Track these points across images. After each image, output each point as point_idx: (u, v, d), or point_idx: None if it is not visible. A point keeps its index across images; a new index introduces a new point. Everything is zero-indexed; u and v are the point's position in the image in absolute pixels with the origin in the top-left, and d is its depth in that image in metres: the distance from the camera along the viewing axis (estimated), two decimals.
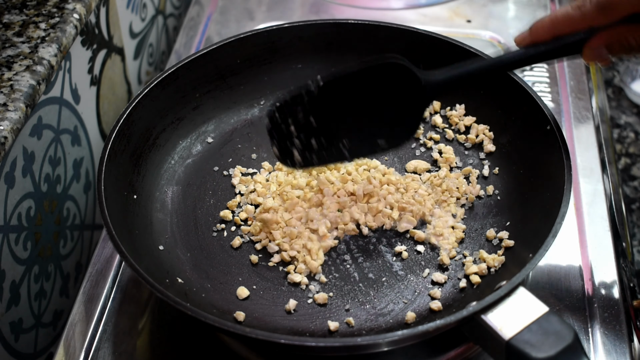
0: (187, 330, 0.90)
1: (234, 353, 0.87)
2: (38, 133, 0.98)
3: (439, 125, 1.06)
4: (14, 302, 0.95)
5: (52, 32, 0.98)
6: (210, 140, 1.05)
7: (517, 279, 0.76)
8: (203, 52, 1.04)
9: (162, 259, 0.90)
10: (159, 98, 1.00)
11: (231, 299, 0.87)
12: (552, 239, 0.79)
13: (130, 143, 0.96)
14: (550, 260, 0.95)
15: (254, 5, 1.39)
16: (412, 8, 1.37)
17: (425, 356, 0.86)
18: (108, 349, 0.88)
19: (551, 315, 0.73)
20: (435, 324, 0.73)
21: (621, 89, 1.63)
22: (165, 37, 1.49)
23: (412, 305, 0.86)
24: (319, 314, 0.85)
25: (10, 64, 0.93)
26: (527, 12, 1.36)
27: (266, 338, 0.74)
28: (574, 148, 1.09)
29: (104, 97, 1.21)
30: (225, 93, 1.08)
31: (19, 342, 0.96)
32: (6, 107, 0.87)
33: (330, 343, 0.77)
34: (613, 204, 1.03)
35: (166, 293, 0.76)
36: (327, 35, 1.09)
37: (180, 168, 1.01)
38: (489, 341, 0.74)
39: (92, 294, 0.94)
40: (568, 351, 0.70)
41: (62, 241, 1.06)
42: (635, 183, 1.48)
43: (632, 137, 1.55)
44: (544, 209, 0.86)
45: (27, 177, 0.96)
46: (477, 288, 0.86)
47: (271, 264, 0.90)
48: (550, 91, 1.19)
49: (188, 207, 0.97)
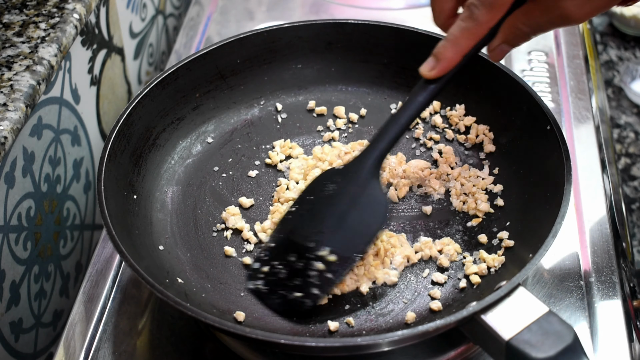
0: (187, 330, 0.90)
1: (234, 353, 0.87)
2: (38, 133, 0.98)
3: (439, 125, 1.06)
4: (14, 302, 0.95)
5: (52, 32, 0.98)
6: (210, 140, 1.05)
7: (517, 279, 0.76)
8: (203, 52, 1.04)
9: (162, 259, 0.90)
10: (159, 98, 1.01)
11: (231, 299, 0.87)
12: (552, 239, 0.79)
13: (130, 143, 0.96)
14: (551, 260, 0.95)
15: (254, 5, 1.39)
16: (412, 8, 1.37)
17: (425, 356, 0.85)
18: (108, 349, 0.88)
19: (551, 316, 0.73)
20: (435, 324, 0.73)
21: (621, 89, 1.63)
22: (165, 37, 1.49)
23: (412, 305, 0.86)
24: (319, 314, 0.85)
25: (10, 64, 0.93)
26: None
27: (266, 338, 0.74)
28: (574, 148, 1.09)
29: (104, 97, 1.21)
30: (225, 93, 1.08)
31: (19, 342, 0.96)
32: (6, 107, 0.88)
33: (330, 343, 0.77)
34: (613, 204, 1.03)
35: (166, 293, 0.76)
36: (327, 35, 1.09)
37: (180, 168, 1.01)
38: (488, 341, 0.74)
39: (92, 294, 0.94)
40: (568, 351, 0.70)
41: (62, 241, 1.07)
42: (635, 183, 1.48)
43: (632, 137, 1.55)
44: (544, 209, 0.86)
45: (27, 177, 0.96)
46: (477, 288, 0.86)
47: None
48: (550, 91, 1.19)
49: (188, 207, 0.97)
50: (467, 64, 0.84)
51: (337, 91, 1.12)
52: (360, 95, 1.10)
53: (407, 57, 1.08)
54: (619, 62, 1.68)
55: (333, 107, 1.09)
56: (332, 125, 1.07)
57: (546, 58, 1.25)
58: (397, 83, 1.10)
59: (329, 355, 0.85)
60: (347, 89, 1.12)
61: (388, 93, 1.10)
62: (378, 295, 0.87)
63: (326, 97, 1.11)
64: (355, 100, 1.10)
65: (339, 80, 1.12)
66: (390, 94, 1.10)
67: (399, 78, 1.10)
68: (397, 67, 1.09)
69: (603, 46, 1.71)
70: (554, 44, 1.28)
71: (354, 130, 1.07)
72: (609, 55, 1.70)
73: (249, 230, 0.94)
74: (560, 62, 1.24)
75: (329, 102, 1.10)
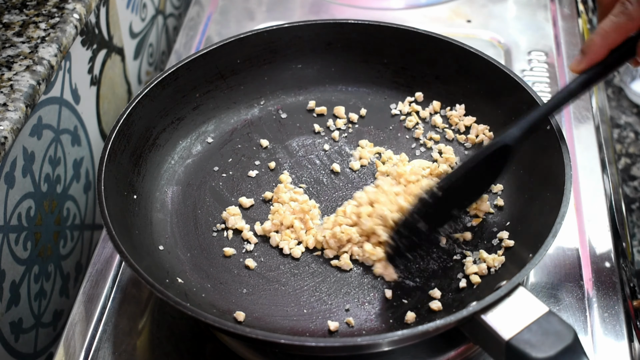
0: (187, 330, 0.90)
1: (234, 353, 0.87)
2: (38, 133, 0.98)
3: (439, 125, 1.06)
4: (14, 302, 0.95)
5: (52, 32, 0.98)
6: (210, 140, 1.05)
7: (517, 279, 0.76)
8: (203, 52, 1.04)
9: (162, 259, 0.90)
10: (159, 98, 1.01)
11: (231, 299, 0.87)
12: (552, 239, 0.79)
13: (130, 143, 0.96)
14: (551, 260, 0.95)
15: (254, 6, 1.39)
16: (412, 8, 1.37)
17: (425, 356, 0.85)
18: (108, 349, 0.89)
19: (551, 316, 0.73)
20: (435, 324, 0.73)
21: (621, 89, 1.63)
22: (165, 37, 1.50)
23: (411, 305, 0.85)
24: (319, 314, 0.85)
25: (10, 64, 0.93)
26: (527, 12, 1.36)
27: (266, 338, 0.74)
28: (574, 148, 1.09)
29: (104, 97, 1.21)
30: (225, 93, 1.08)
31: (19, 342, 0.96)
32: (6, 107, 0.88)
33: (330, 343, 0.77)
34: (613, 204, 1.03)
35: (166, 293, 0.76)
36: (327, 36, 1.09)
37: (180, 168, 1.01)
38: (488, 341, 0.74)
39: (92, 294, 0.94)
40: (568, 351, 0.70)
41: (62, 241, 1.07)
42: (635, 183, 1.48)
43: (632, 137, 1.55)
44: (544, 209, 0.86)
45: (27, 177, 0.96)
46: (477, 288, 0.86)
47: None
48: (550, 91, 1.19)
49: (188, 207, 0.97)
50: (613, 64, 0.84)
51: (337, 91, 1.12)
52: (360, 95, 1.10)
53: (407, 57, 1.08)
54: None
55: (333, 107, 1.09)
56: (332, 125, 1.07)
57: (546, 58, 1.25)
58: (397, 83, 1.10)
59: (329, 355, 0.85)
60: (347, 89, 1.12)
61: (388, 93, 1.10)
62: (378, 295, 0.87)
63: (326, 97, 1.11)
64: (355, 100, 1.10)
65: (339, 80, 1.12)
66: (390, 94, 1.10)
67: (399, 78, 1.10)
68: (397, 67, 1.09)
69: None
70: (554, 44, 1.28)
71: (354, 130, 1.07)
72: None
73: (249, 230, 0.94)
74: (560, 62, 1.24)
75: (329, 102, 1.10)
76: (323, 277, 0.89)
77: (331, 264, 0.90)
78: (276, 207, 0.96)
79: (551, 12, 1.35)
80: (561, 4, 1.38)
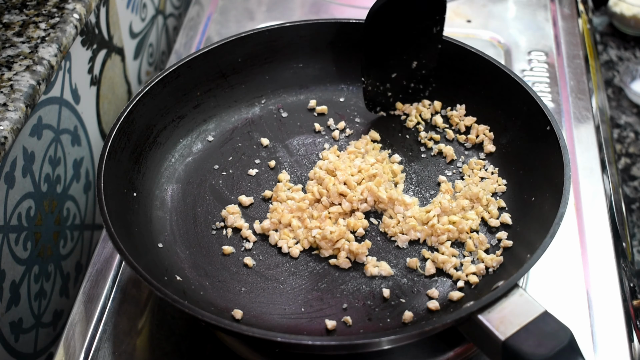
0: (187, 330, 0.90)
1: (233, 353, 0.87)
2: (38, 133, 0.99)
3: (440, 125, 1.06)
4: (14, 302, 0.95)
5: (52, 32, 0.98)
6: (210, 138, 1.05)
7: (515, 279, 0.75)
8: (204, 50, 1.04)
9: (161, 256, 0.90)
10: (160, 96, 1.01)
11: (229, 297, 0.87)
12: (550, 240, 0.79)
13: (131, 141, 0.96)
14: (551, 260, 0.95)
15: (254, 5, 1.39)
16: None
17: (425, 356, 0.86)
18: (108, 349, 0.89)
19: (548, 316, 0.73)
20: (432, 324, 0.73)
21: (621, 89, 1.62)
22: (165, 37, 1.50)
23: (409, 305, 0.85)
24: (317, 312, 0.85)
25: (10, 64, 0.93)
26: (527, 12, 1.36)
27: (263, 336, 0.74)
28: (574, 148, 1.09)
29: (104, 97, 1.21)
30: (226, 92, 1.08)
31: (19, 342, 0.96)
32: (6, 107, 0.88)
33: (327, 341, 0.77)
34: (613, 204, 1.03)
35: (164, 291, 0.77)
36: (328, 35, 1.10)
37: (180, 166, 1.02)
38: (485, 341, 0.74)
39: (92, 294, 0.94)
40: (564, 351, 0.70)
41: (62, 241, 1.07)
42: (635, 183, 1.48)
43: (632, 137, 1.55)
44: (543, 209, 0.86)
45: (27, 177, 0.96)
46: (475, 288, 0.86)
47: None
48: (550, 91, 1.19)
49: (188, 205, 0.97)
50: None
51: (338, 90, 1.12)
52: (360, 95, 1.10)
53: None
54: (619, 62, 1.68)
55: (334, 107, 1.09)
56: (332, 124, 1.07)
57: (546, 58, 1.25)
58: None
59: (326, 353, 0.85)
60: (348, 88, 1.12)
61: None
62: (376, 294, 0.87)
63: (327, 96, 1.11)
64: (356, 99, 1.11)
65: (340, 80, 1.12)
66: None
67: None
68: None
69: (603, 46, 1.71)
70: (554, 44, 1.28)
71: (354, 129, 1.07)
72: (609, 55, 1.70)
73: (248, 228, 0.94)
74: (560, 62, 1.24)
75: (329, 101, 1.10)
76: (321, 275, 0.89)
77: (329, 262, 0.90)
78: (275, 205, 0.96)
79: (551, 12, 1.35)
80: (561, 4, 1.38)
